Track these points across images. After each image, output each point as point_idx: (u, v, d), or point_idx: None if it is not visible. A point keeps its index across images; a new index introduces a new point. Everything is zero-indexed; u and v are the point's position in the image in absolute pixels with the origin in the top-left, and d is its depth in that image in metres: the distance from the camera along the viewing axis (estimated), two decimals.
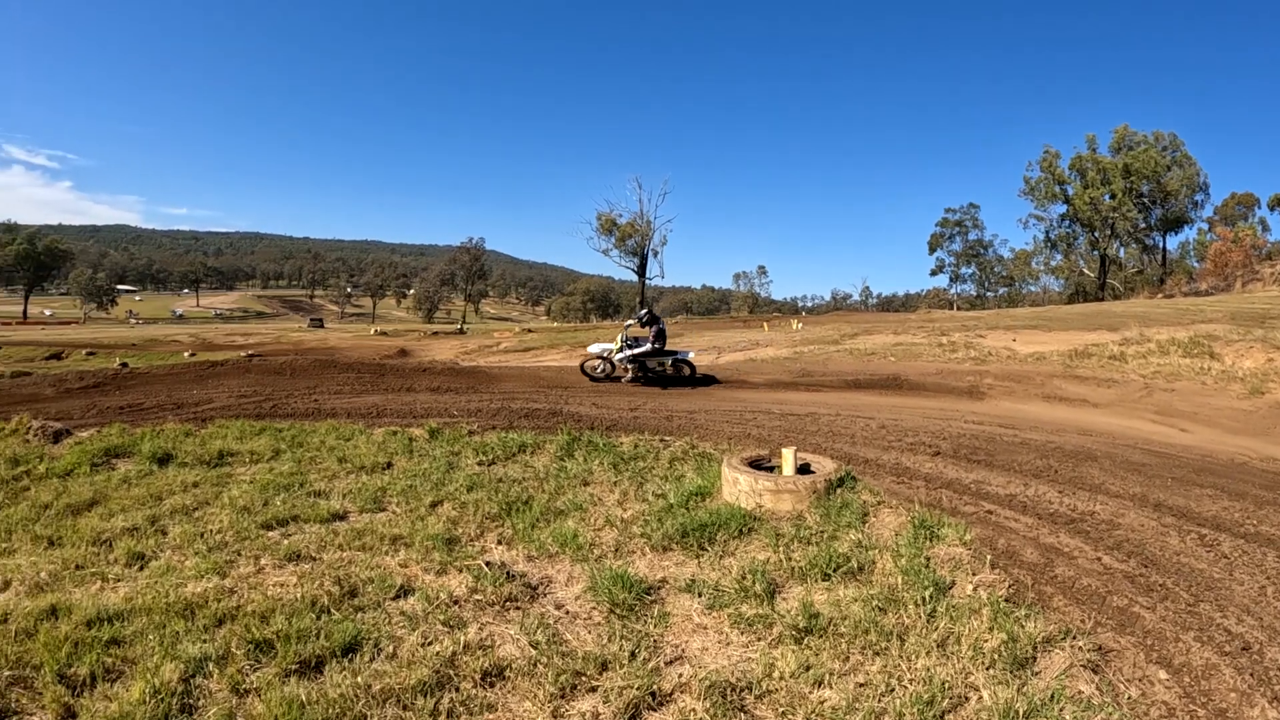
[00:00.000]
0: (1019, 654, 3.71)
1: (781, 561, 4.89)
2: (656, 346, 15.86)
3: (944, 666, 3.60)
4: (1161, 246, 74.09)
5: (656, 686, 3.47)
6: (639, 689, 3.41)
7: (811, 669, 3.59)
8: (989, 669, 3.59)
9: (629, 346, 16.04)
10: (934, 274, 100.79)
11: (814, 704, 3.35)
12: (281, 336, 63.86)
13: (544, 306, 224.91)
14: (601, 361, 16.46)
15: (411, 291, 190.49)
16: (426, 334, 67.57)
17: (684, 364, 16.48)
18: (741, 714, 3.32)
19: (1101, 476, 7.75)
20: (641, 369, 16.11)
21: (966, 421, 11.35)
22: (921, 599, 4.21)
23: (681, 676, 3.58)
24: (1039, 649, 3.82)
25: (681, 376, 16.38)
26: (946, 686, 3.43)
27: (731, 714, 3.30)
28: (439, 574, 4.80)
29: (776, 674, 3.56)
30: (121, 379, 15.15)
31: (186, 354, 34.80)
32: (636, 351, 15.93)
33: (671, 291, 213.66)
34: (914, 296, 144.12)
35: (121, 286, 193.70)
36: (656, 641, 3.96)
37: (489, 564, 4.79)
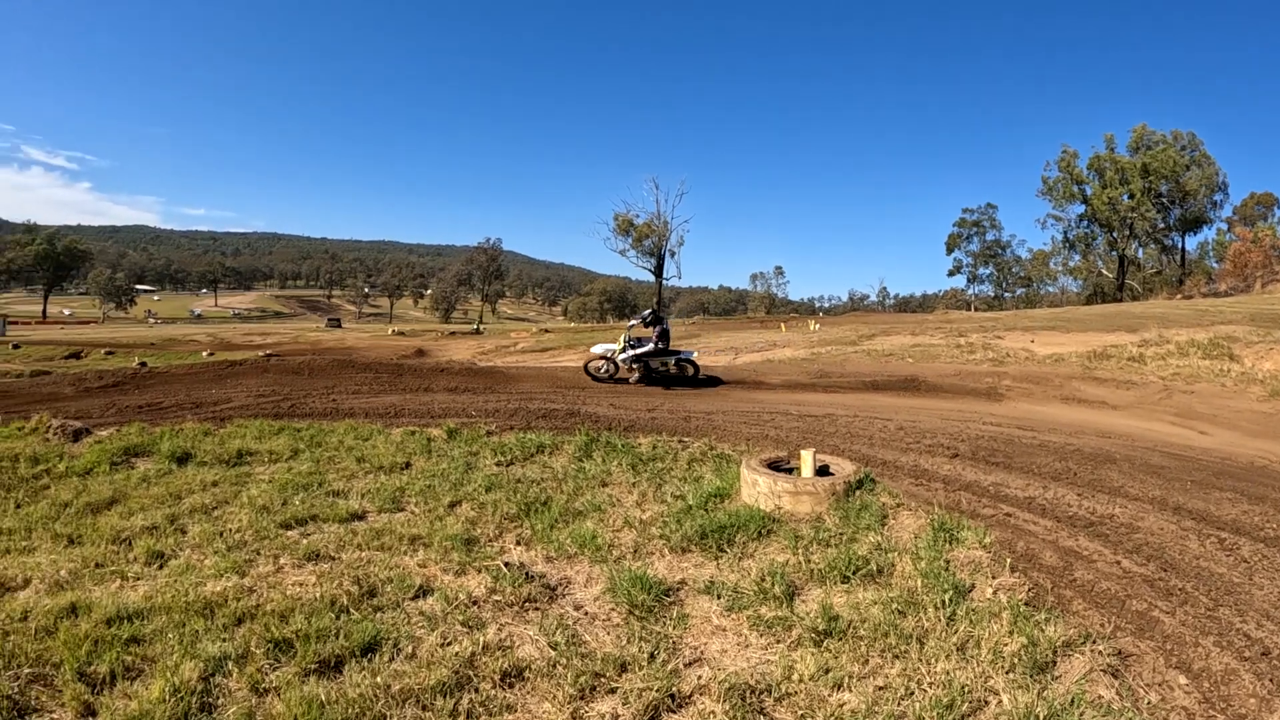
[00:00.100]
0: (1039, 658, 3.69)
1: (801, 564, 4.88)
2: (660, 346, 15.82)
3: (964, 670, 3.59)
4: (1180, 247, 73.58)
5: (676, 688, 3.48)
6: (658, 691, 3.41)
7: (831, 672, 3.59)
8: (1009, 673, 3.57)
9: (632, 346, 16.00)
10: (951, 274, 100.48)
11: (833, 707, 3.34)
12: (299, 336, 64.26)
13: (561, 307, 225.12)
14: (605, 361, 16.42)
15: (428, 292, 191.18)
16: (443, 334, 67.79)
17: (687, 363, 16.44)
18: (761, 716, 3.32)
19: (1120, 479, 7.69)
20: (646, 369, 16.07)
21: (984, 423, 11.29)
22: (941, 602, 4.20)
23: (701, 678, 3.58)
24: (1059, 653, 3.80)
25: (685, 376, 16.35)
26: (966, 690, 3.42)
27: (751, 716, 3.30)
28: (458, 574, 4.81)
29: (796, 676, 3.56)
30: (140, 378, 15.22)
31: (205, 353, 35.11)
32: (639, 351, 15.89)
33: (688, 292, 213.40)
34: (931, 297, 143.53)
35: (140, 286, 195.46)
36: (675, 643, 3.96)
37: (508, 564, 4.80)
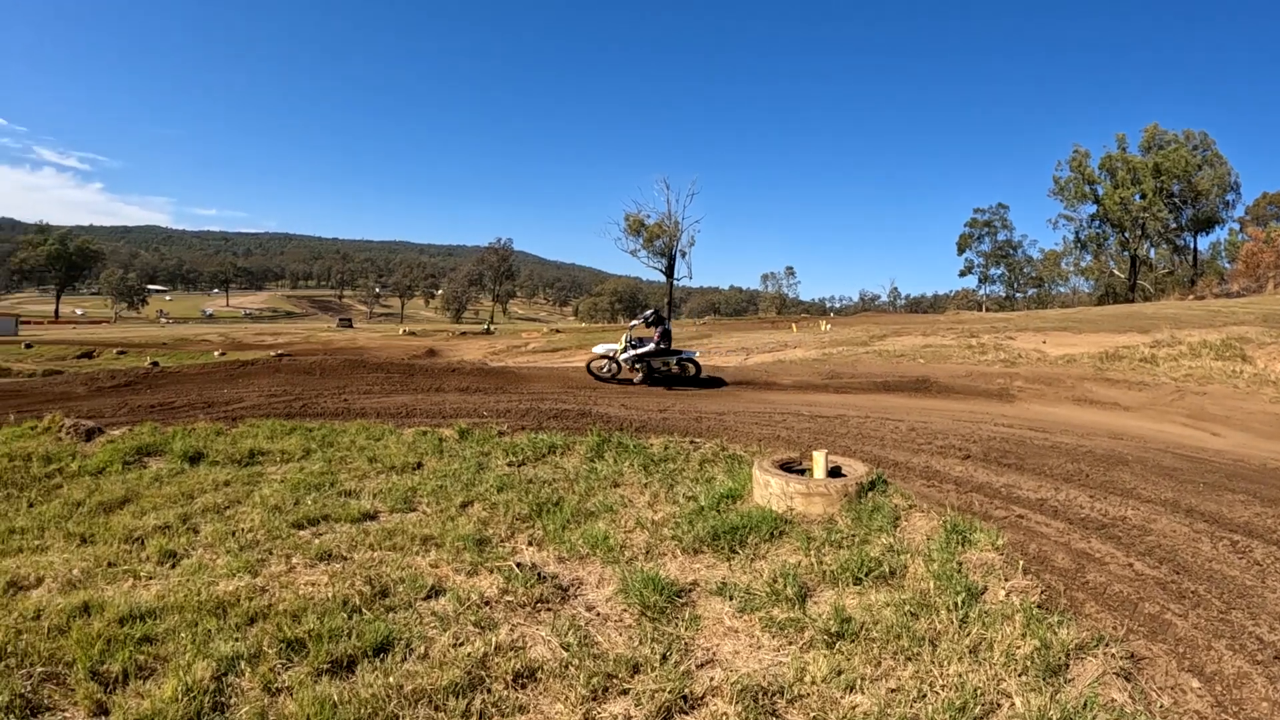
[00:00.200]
0: (1052, 661, 3.68)
1: (813, 565, 4.88)
2: (662, 346, 15.85)
3: (976, 672, 3.58)
4: (1192, 247, 73.29)
5: (688, 690, 3.48)
6: (670, 692, 3.41)
7: (843, 674, 3.58)
8: (1021, 675, 3.56)
9: (633, 346, 16.04)
10: (963, 275, 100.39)
11: (845, 709, 3.34)
12: (310, 336, 64.59)
13: (572, 307, 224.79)
14: (607, 361, 16.48)
15: (439, 292, 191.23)
16: (454, 334, 67.98)
17: (689, 363, 16.48)
18: (773, 718, 3.32)
19: (1133, 481, 7.66)
20: (648, 368, 16.09)
21: (996, 424, 11.26)
22: (954, 604, 4.19)
23: (713, 680, 3.58)
24: (1071, 656, 3.79)
25: (687, 376, 16.38)
26: (979, 693, 3.41)
27: (763, 718, 3.29)
28: (470, 575, 4.82)
29: (808, 678, 3.55)
30: (152, 378, 15.32)
31: (216, 353, 35.32)
32: (640, 351, 15.92)
33: (699, 292, 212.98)
34: (942, 297, 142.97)
35: (152, 286, 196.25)
36: (688, 644, 3.96)
37: (520, 565, 4.81)
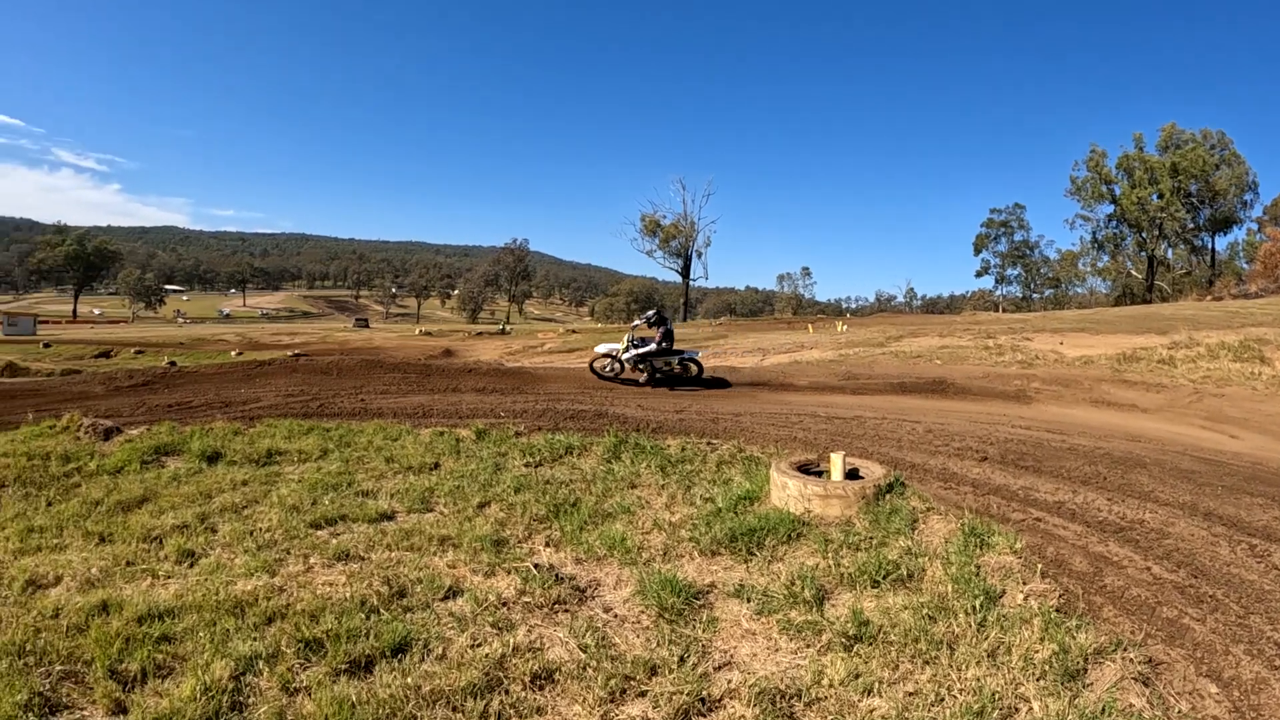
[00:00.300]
0: (1070, 665, 3.66)
1: (830, 568, 4.87)
2: (664, 346, 15.86)
3: (994, 677, 3.57)
4: (1210, 247, 72.72)
5: (705, 692, 3.48)
6: (688, 694, 3.42)
7: (861, 677, 3.57)
8: (1039, 680, 3.55)
9: (635, 346, 16.05)
10: (979, 275, 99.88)
11: (863, 712, 3.34)
12: (327, 336, 64.90)
13: (588, 307, 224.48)
14: (610, 361, 16.51)
15: (456, 292, 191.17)
16: (471, 334, 68.08)
17: (691, 363, 16.49)
18: None
19: (1150, 484, 7.60)
20: (651, 368, 16.10)
21: (1013, 426, 11.20)
22: (972, 608, 4.17)
23: (730, 682, 3.59)
24: (1090, 660, 3.77)
25: (689, 376, 16.39)
26: (997, 697, 3.40)
27: None
28: (487, 575, 4.83)
29: (826, 681, 3.55)
30: (170, 377, 15.39)
31: (234, 353, 35.60)
32: (642, 351, 15.93)
33: (715, 293, 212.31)
34: (959, 298, 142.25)
35: (169, 286, 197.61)
36: (705, 647, 3.96)
37: (537, 566, 4.82)
